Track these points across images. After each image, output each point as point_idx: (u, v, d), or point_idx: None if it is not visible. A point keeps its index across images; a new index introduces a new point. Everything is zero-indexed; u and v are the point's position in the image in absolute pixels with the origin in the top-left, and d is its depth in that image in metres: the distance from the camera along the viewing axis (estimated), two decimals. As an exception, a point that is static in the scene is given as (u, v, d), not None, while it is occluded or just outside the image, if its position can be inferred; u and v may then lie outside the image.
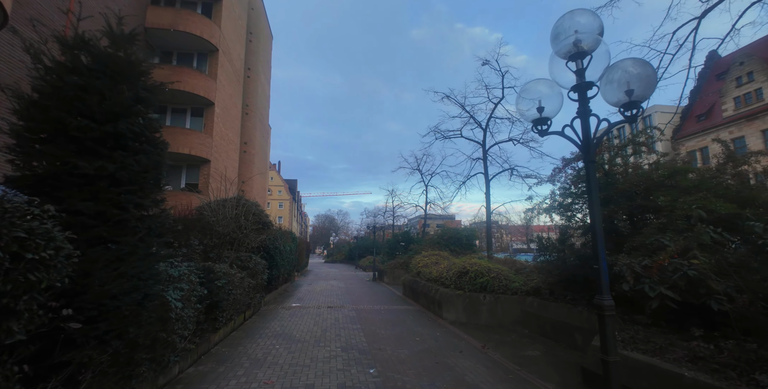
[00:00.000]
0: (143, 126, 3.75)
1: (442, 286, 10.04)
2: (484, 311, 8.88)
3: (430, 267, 12.05)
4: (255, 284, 9.61)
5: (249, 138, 24.26)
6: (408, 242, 23.06)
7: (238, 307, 8.02)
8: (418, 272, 12.92)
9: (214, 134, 16.62)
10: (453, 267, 10.07)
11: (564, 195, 7.50)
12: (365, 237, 46.86)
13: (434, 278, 10.81)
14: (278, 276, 12.53)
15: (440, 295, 9.71)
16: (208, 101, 16.38)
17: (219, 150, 17.27)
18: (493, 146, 13.34)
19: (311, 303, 11.87)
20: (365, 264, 32.67)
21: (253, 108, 24.81)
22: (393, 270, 19.66)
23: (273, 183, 75.61)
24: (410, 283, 13.20)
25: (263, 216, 13.03)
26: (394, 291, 15.65)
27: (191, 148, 15.23)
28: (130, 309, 3.40)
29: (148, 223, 3.70)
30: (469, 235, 18.25)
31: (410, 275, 14.23)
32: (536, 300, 8.14)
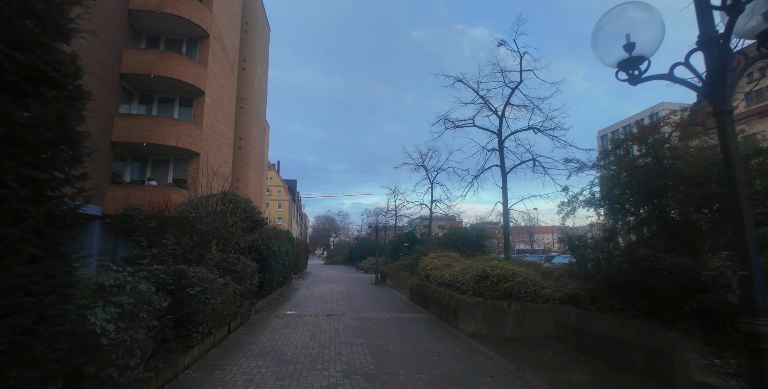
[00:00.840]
0: (41, 58, 2.49)
1: (458, 292, 8.77)
2: (508, 322, 7.61)
3: (440, 270, 10.79)
4: (243, 290, 8.36)
5: (244, 133, 23.02)
6: (412, 243, 21.80)
7: (221, 318, 6.76)
8: (426, 275, 11.66)
9: (204, 126, 15.37)
10: (470, 270, 8.80)
11: (611, 185, 6.24)
12: (366, 237, 45.58)
13: (447, 282, 9.55)
14: (272, 280, 11.27)
15: (456, 303, 8.44)
16: (198, 90, 15.15)
17: (210, 143, 16.02)
18: (511, 135, 12.11)
19: (308, 310, 10.59)
20: (366, 266, 31.40)
21: (249, 102, 23.58)
22: (397, 273, 18.40)
23: (272, 183, 74.36)
24: (418, 288, 11.93)
25: (255, 213, 11.78)
26: (400, 296, 14.38)
27: (178, 140, 13.98)
28: (8, 343, 2.14)
29: (48, 208, 2.44)
30: (478, 235, 17.00)
31: (417, 278, 12.97)
32: (574, 309, 6.87)
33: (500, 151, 12.06)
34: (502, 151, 12.02)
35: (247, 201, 12.01)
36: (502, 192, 11.75)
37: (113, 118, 13.42)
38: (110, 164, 13.43)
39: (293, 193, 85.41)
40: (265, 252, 10.76)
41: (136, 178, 14.85)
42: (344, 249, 51.28)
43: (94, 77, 12.53)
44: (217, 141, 17.06)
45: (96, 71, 12.59)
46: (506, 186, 11.76)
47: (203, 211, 8.95)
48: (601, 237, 6.71)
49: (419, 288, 11.83)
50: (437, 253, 13.41)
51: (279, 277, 12.54)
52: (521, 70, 11.50)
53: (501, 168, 12.01)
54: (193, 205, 8.64)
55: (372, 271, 29.07)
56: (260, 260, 10.65)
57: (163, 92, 15.35)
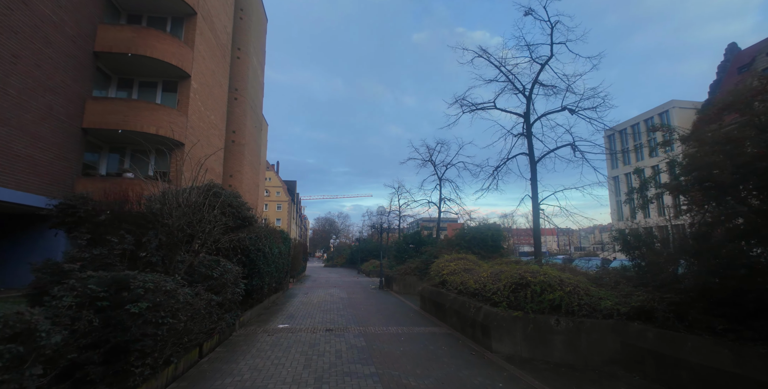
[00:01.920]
0: None
1: (487, 303, 7.13)
2: (557, 343, 5.98)
3: (460, 276, 9.17)
4: (222, 301, 6.73)
5: (238, 126, 21.45)
6: (418, 244, 20.13)
7: (186, 340, 5.14)
8: (442, 281, 10.03)
9: (190, 113, 13.80)
10: (502, 276, 7.17)
11: (704, 164, 4.63)
12: (367, 239, 43.92)
13: (472, 291, 7.91)
14: (262, 287, 9.64)
15: (486, 317, 6.81)
16: (183, 72, 13.58)
17: (197, 133, 14.44)
18: (541, 119, 10.45)
19: (304, 323, 8.95)
20: (368, 269, 29.73)
21: (244, 93, 22.03)
22: (403, 277, 16.75)
23: (271, 183, 72.78)
24: (432, 295, 10.30)
25: (244, 209, 10.17)
26: (408, 304, 12.73)
27: (159, 127, 12.39)
28: None
29: None
30: (494, 235, 15.36)
31: (430, 284, 11.34)
32: (650, 328, 5.24)
33: (528, 137, 10.44)
34: (530, 137, 10.40)
35: (235, 196, 10.41)
36: (531, 184, 10.13)
37: (85, 102, 11.84)
38: (80, 153, 11.83)
39: (293, 194, 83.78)
40: (253, 255, 9.14)
41: (114, 171, 13.26)
42: (344, 251, 49.59)
43: (61, 53, 10.96)
44: (205, 131, 15.47)
45: (64, 46, 11.03)
46: (536, 177, 10.15)
47: (173, 203, 7.32)
48: (691, 235, 5.09)
49: (433, 295, 10.20)
50: (452, 256, 11.78)
51: (272, 283, 10.91)
52: (552, 42, 9.89)
53: (529, 156, 10.39)
54: (163, 197, 7.01)
55: (374, 275, 27.40)
56: (248, 263, 9.03)
57: (144, 75, 13.79)
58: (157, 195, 7.28)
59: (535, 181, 10.11)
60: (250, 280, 8.95)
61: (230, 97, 21.13)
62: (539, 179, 10.21)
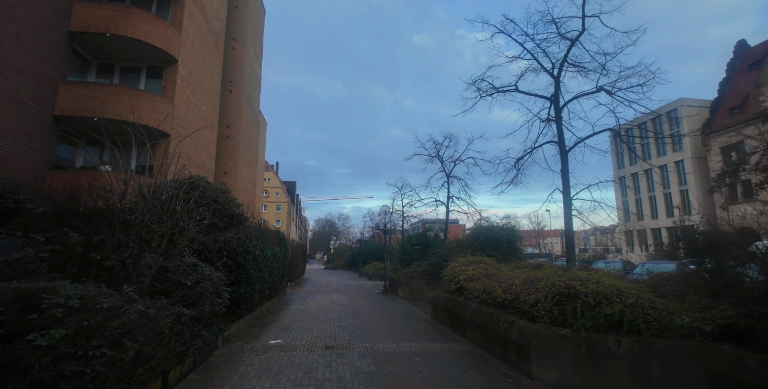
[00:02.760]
0: None
1: (523, 318, 5.88)
2: (619, 369, 4.71)
3: (481, 282, 7.91)
4: (198, 315, 5.48)
5: (233, 121, 20.23)
6: (425, 246, 18.85)
7: (142, 372, 3.90)
8: (459, 288, 8.77)
9: (177, 102, 12.57)
10: (542, 284, 5.90)
11: None
12: (369, 240, 42.64)
13: (500, 301, 6.65)
14: (251, 295, 8.37)
15: (522, 334, 5.56)
16: (169, 57, 12.37)
17: (185, 124, 13.21)
18: (573, 101, 9.20)
19: (300, 337, 7.69)
20: (371, 272, 28.46)
21: (239, 86, 20.82)
22: (410, 282, 15.47)
23: (270, 184, 71.57)
24: (446, 304, 9.05)
25: (232, 205, 8.92)
26: (417, 312, 11.47)
27: (140, 115, 11.15)
28: None
29: None
30: (510, 235, 14.09)
31: (443, 291, 10.09)
32: (750, 354, 3.98)
33: (557, 122, 9.19)
34: (560, 122, 9.16)
35: (223, 191, 9.18)
36: (562, 176, 8.88)
37: (57, 87, 10.62)
38: (51, 144, 10.59)
39: (292, 195, 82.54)
40: (241, 258, 7.89)
41: (91, 164, 12.02)
42: (345, 253, 48.28)
43: (29, 30, 9.75)
44: (195, 123, 14.25)
45: (32, 23, 9.81)
46: (567, 168, 8.92)
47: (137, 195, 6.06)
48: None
49: (448, 304, 8.94)
50: (467, 258, 10.52)
51: (264, 289, 9.65)
52: (583, 15, 8.67)
53: (559, 145, 9.14)
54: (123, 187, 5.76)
55: (377, 278, 26.13)
56: (235, 268, 7.78)
57: (126, 59, 12.58)
58: (116, 185, 5.99)
59: (567, 173, 8.87)
60: (237, 288, 7.69)
61: (224, 90, 19.93)
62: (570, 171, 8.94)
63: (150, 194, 5.60)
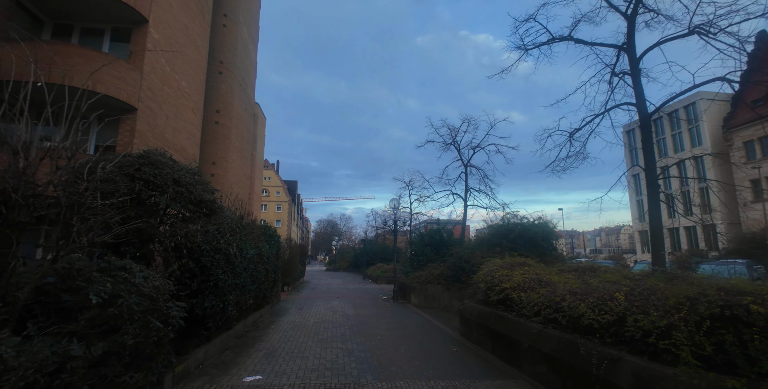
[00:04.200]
0: None
1: (634, 352, 3.68)
2: None
3: (541, 293, 5.71)
4: (117, 350, 3.32)
5: (224, 105, 18.12)
6: (439, 245, 16.65)
7: None
8: (502, 298, 6.56)
9: (147, 70, 10.44)
10: (674, 298, 3.69)
11: None
12: (373, 240, 40.47)
13: (585, 324, 4.44)
14: (223, 309, 6.15)
15: (641, 383, 3.36)
16: (138, 16, 10.26)
17: (158, 98, 11.08)
18: (653, 49, 6.93)
19: (290, 370, 5.50)
20: (376, 274, 26.28)
21: (231, 67, 18.72)
22: (424, 287, 13.27)
23: (270, 183, 69.58)
24: (486, 320, 6.85)
25: (200, 190, 6.72)
26: (439, 325, 9.29)
27: (98, 81, 9.04)
28: None
29: None
30: (546, 233, 11.91)
31: (475, 301, 7.90)
32: None
33: (634, 78, 6.86)
34: (638, 78, 6.86)
35: (191, 171, 7.02)
36: (644, 150, 6.60)
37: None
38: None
39: (293, 195, 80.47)
40: (207, 258, 5.71)
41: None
42: (348, 254, 46.07)
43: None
44: (173, 100, 12.12)
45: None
46: (651, 138, 6.61)
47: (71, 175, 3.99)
48: None
49: (489, 321, 6.74)
50: (506, 260, 8.33)
51: (246, 299, 7.46)
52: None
53: (638, 108, 6.84)
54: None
55: (383, 280, 23.93)
56: (198, 272, 5.61)
57: (87, 20, 10.47)
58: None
59: (651, 144, 6.66)
60: (201, 300, 5.52)
61: (213, 70, 17.83)
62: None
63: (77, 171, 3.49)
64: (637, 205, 56.44)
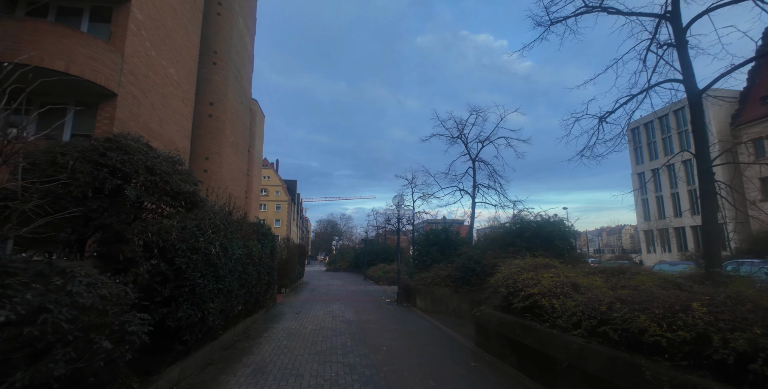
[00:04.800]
0: None
1: (720, 381, 2.77)
2: None
3: (579, 300, 4.82)
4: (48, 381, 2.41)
5: (217, 98, 17.22)
6: (445, 245, 15.75)
7: None
8: (529, 305, 5.65)
9: (129, 52, 9.55)
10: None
11: None
12: (374, 240, 39.57)
13: (652, 342, 3.53)
14: (203, 319, 5.24)
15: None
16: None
17: (142, 84, 10.19)
18: (702, 17, 6.02)
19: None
20: (377, 275, 25.37)
21: (225, 59, 17.82)
22: (431, 289, 12.37)
23: (269, 182, 68.66)
24: (509, 330, 5.94)
25: (177, 180, 5.81)
26: (450, 333, 8.38)
27: (71, 63, 8.14)
28: None
29: None
30: (564, 231, 11.02)
31: (492, 307, 7.00)
32: None
33: (680, 51, 6.01)
34: (685, 50, 5.97)
35: (169, 160, 6.14)
36: (693, 132, 5.63)
37: (-49, 21, 7.62)
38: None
39: (293, 194, 79.53)
40: (183, 259, 4.81)
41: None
42: (348, 254, 45.14)
43: None
44: (159, 87, 11.22)
45: None
46: (702, 118, 5.76)
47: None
48: None
49: (513, 331, 5.83)
50: (527, 261, 7.44)
51: (233, 306, 6.56)
52: None
53: (685, 84, 5.97)
54: None
55: (385, 282, 23.04)
56: (172, 276, 4.71)
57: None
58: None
59: (703, 125, 5.80)
60: (175, 309, 4.63)
61: (207, 61, 16.94)
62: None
63: None
64: (643, 204, 55.53)
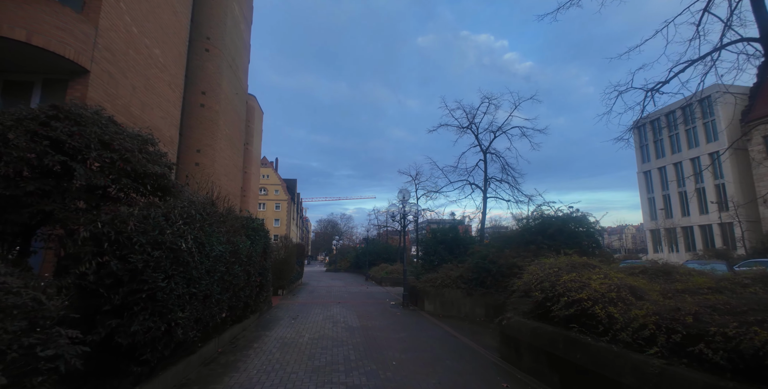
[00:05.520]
0: None
1: None
2: None
3: (645, 309, 3.76)
4: None
5: (210, 86, 16.16)
6: (453, 244, 14.69)
7: None
8: (576, 313, 4.58)
9: (105, 25, 8.50)
10: None
11: None
12: (376, 239, 38.51)
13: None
14: (169, 332, 4.14)
15: None
16: (91, -43, 8.30)
17: (120, 62, 9.13)
18: None
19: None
20: (380, 275, 24.30)
21: (219, 45, 16.75)
22: (440, 291, 11.31)
23: (269, 181, 67.59)
24: (548, 344, 4.86)
25: (152, 164, 4.75)
26: (467, 342, 7.31)
27: (34, 32, 7.08)
28: None
29: None
30: (588, 228, 9.95)
31: (521, 314, 5.95)
32: None
33: (756, 4, 4.97)
34: (761, 1, 4.96)
35: (143, 140, 5.13)
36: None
37: None
38: None
39: (293, 193, 78.43)
40: (140, 257, 3.72)
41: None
42: (349, 253, 44.03)
43: None
44: (142, 69, 10.17)
45: None
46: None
47: None
48: None
49: (554, 346, 4.76)
50: (561, 259, 6.39)
51: (213, 314, 5.48)
52: None
53: (762, 43, 4.98)
54: None
55: (388, 283, 21.98)
56: (126, 278, 3.64)
57: (29, -36, 8.49)
58: None
59: None
60: (128, 321, 3.56)
61: (199, 47, 15.91)
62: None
63: None
64: (649, 203, 54.38)
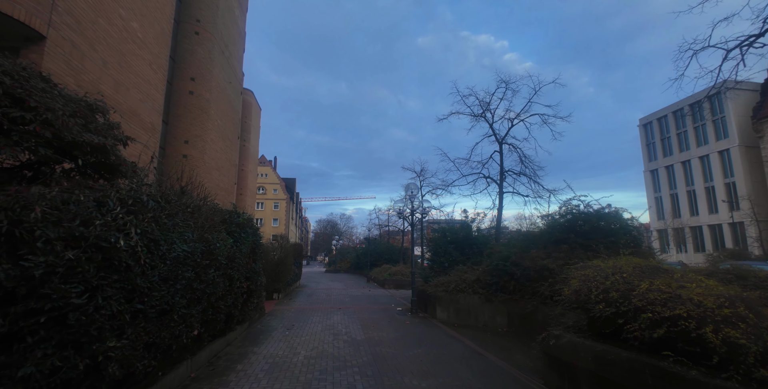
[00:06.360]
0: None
1: None
2: None
3: None
4: None
5: (200, 73, 14.93)
6: (465, 244, 13.43)
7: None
8: (669, 335, 3.32)
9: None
10: None
11: None
12: (377, 239, 37.23)
13: None
14: (96, 370, 2.91)
15: None
16: None
17: (88, 31, 7.88)
18: None
19: None
20: (382, 277, 23.02)
21: (210, 29, 15.53)
22: (454, 297, 10.05)
23: (267, 180, 66.33)
24: (628, 376, 3.59)
25: (88, 132, 3.49)
26: (495, 361, 6.04)
27: (-33, -15, 5.82)
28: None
29: None
30: (624, 224, 8.71)
31: (572, 332, 4.68)
32: None
33: None
34: None
35: (88, 105, 3.83)
36: None
37: None
38: None
39: (292, 193, 77.14)
40: (44, 259, 2.47)
41: None
42: (349, 254, 42.75)
43: None
44: (116, 44, 8.91)
45: None
46: None
47: None
48: None
49: (635, 377, 3.49)
50: (622, 261, 5.13)
51: (185, 331, 4.22)
52: None
53: None
54: None
55: (392, 285, 20.72)
56: (24, 290, 2.37)
57: None
58: None
59: None
60: (21, 358, 2.29)
61: (188, 29, 14.68)
62: None
63: None
64: (656, 203, 53.10)
